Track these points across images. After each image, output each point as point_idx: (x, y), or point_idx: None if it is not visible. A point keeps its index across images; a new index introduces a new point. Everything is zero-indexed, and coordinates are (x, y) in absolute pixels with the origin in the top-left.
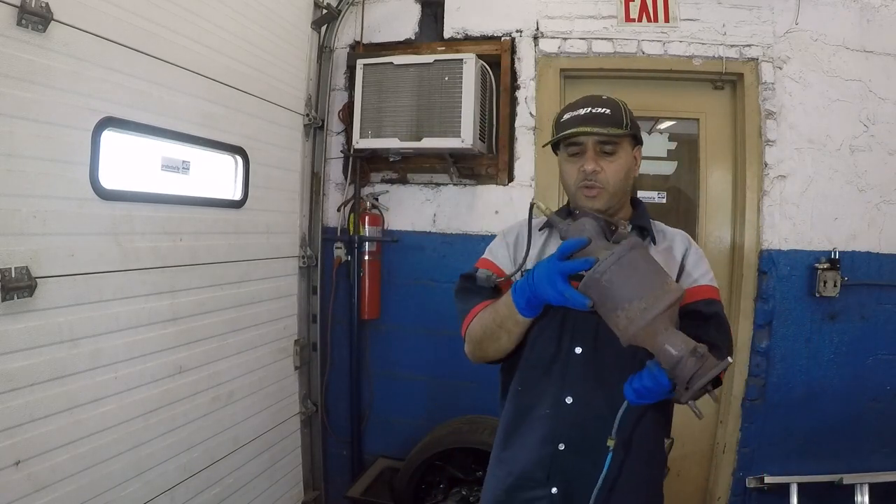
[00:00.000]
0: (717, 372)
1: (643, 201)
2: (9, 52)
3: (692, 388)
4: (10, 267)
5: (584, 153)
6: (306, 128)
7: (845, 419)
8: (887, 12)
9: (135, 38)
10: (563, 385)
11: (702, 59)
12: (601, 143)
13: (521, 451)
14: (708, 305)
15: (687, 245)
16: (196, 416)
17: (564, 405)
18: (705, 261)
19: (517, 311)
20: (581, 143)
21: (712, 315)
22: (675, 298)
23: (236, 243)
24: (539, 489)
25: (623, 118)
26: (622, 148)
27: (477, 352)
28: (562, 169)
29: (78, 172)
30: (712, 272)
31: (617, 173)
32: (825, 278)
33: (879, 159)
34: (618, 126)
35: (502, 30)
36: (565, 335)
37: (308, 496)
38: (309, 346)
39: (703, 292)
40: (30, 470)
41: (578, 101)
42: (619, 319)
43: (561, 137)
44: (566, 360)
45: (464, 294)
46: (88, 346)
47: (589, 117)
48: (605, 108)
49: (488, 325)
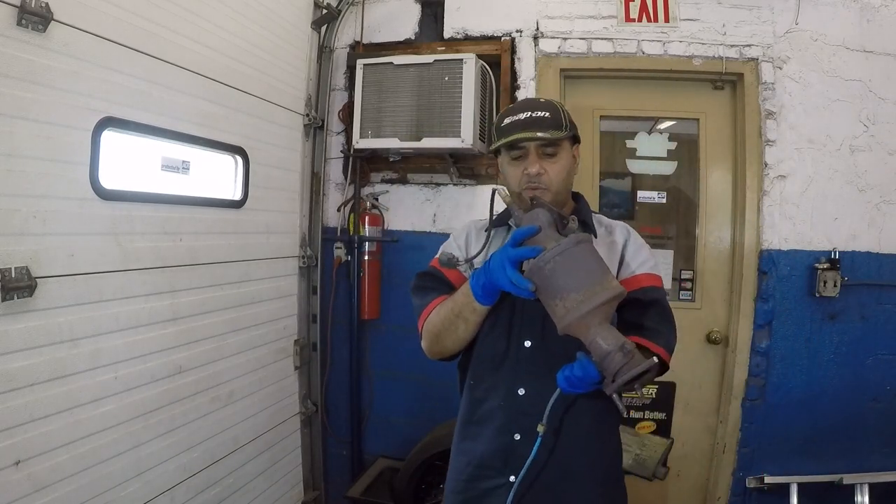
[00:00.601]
0: (641, 369)
1: (583, 195)
2: (9, 52)
3: (617, 382)
4: (10, 267)
5: (526, 156)
6: (306, 128)
7: (845, 419)
8: (887, 12)
9: (135, 38)
10: (515, 377)
11: (702, 59)
12: (543, 145)
13: (479, 442)
14: (646, 293)
15: (626, 236)
16: (196, 416)
17: (517, 396)
18: (645, 250)
19: (474, 297)
20: (524, 146)
21: (652, 302)
22: (611, 296)
23: (236, 243)
24: (497, 478)
25: (562, 120)
26: (563, 149)
27: (434, 345)
28: (504, 172)
29: (78, 172)
30: (654, 260)
31: (559, 174)
32: (825, 278)
33: (879, 159)
34: (558, 129)
35: (502, 30)
36: (514, 330)
37: (308, 496)
38: (309, 346)
39: (643, 281)
40: (30, 470)
41: (517, 105)
42: (557, 308)
43: (505, 144)
44: (516, 353)
45: (421, 291)
46: (88, 346)
47: (529, 122)
48: (544, 111)
49: (447, 316)
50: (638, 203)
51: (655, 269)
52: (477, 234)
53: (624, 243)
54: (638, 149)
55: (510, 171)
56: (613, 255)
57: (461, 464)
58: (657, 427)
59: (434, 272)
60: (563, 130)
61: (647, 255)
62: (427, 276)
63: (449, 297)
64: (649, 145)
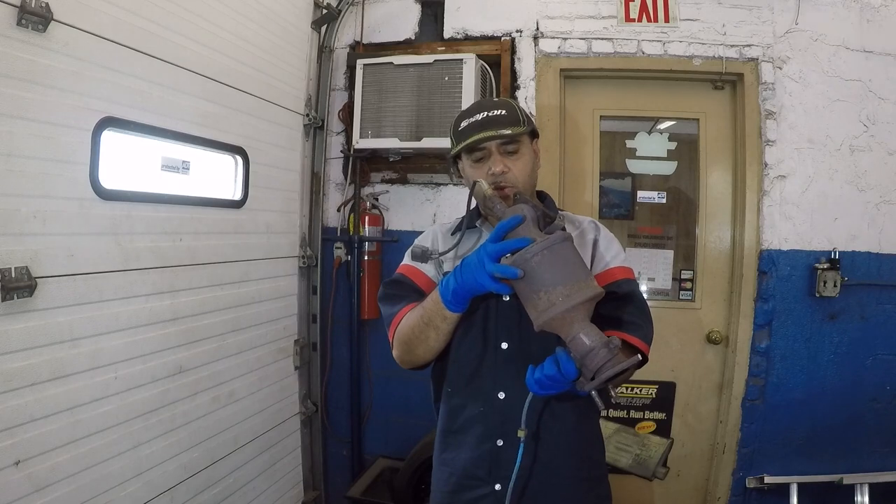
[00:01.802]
0: (626, 365)
1: (549, 195)
2: (9, 52)
3: (598, 378)
4: (10, 267)
5: (488, 157)
6: (306, 128)
7: (845, 419)
8: (887, 12)
9: (135, 38)
10: (494, 382)
11: (702, 59)
12: (504, 143)
13: (461, 451)
14: (621, 286)
15: (596, 231)
16: (196, 416)
17: (498, 401)
18: (616, 243)
19: (444, 305)
20: (484, 147)
21: (628, 295)
22: (596, 294)
23: (236, 243)
24: (482, 487)
25: (519, 116)
26: (523, 145)
27: (405, 355)
28: (468, 175)
29: (78, 172)
30: (624, 253)
31: (524, 170)
32: (825, 278)
33: (879, 159)
34: (516, 125)
35: (502, 30)
36: (489, 332)
37: (308, 496)
38: (309, 346)
39: (617, 273)
40: (30, 470)
41: (472, 106)
42: (540, 301)
43: (466, 146)
44: (494, 356)
45: (389, 300)
46: (88, 346)
47: (487, 121)
48: (500, 109)
49: (416, 325)
50: (638, 203)
51: (626, 262)
52: (444, 237)
53: (594, 238)
54: (638, 149)
55: (473, 173)
56: (584, 248)
57: (444, 475)
58: (657, 427)
59: (402, 279)
60: (521, 126)
61: (618, 248)
62: (395, 284)
63: (419, 304)
64: (649, 145)
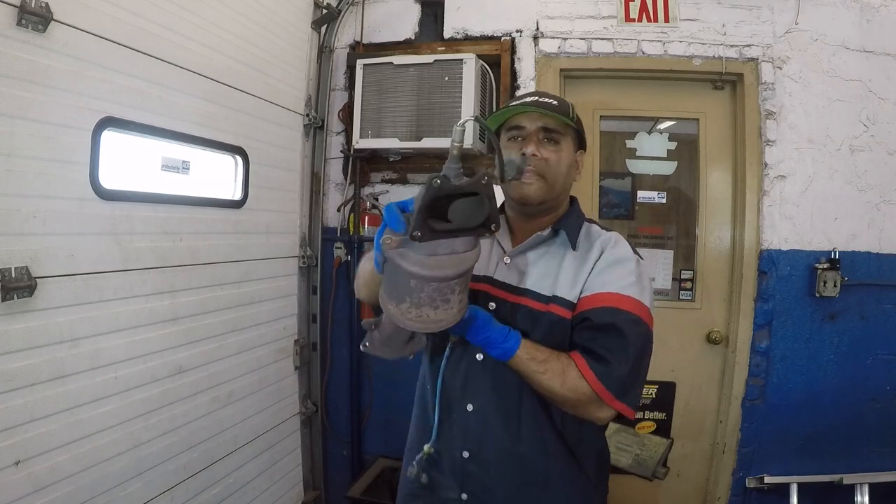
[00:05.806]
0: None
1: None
2: (9, 52)
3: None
4: (10, 267)
5: (526, 138)
6: (306, 128)
7: (845, 419)
8: (887, 12)
9: (135, 38)
10: (463, 393)
11: (702, 60)
12: (544, 129)
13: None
14: (602, 315)
15: (601, 251)
16: (196, 416)
17: (465, 413)
18: (621, 268)
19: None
20: (524, 126)
21: (608, 325)
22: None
23: (236, 243)
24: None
25: (570, 112)
26: (565, 142)
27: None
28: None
29: (78, 172)
30: (632, 278)
31: (557, 164)
32: (825, 278)
33: (879, 159)
34: (564, 115)
35: (502, 30)
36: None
37: (308, 496)
38: (309, 346)
39: (601, 300)
40: (30, 470)
41: (526, 93)
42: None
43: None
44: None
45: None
46: (88, 346)
47: (536, 102)
48: (552, 99)
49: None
50: (638, 203)
51: (628, 291)
52: None
53: (596, 259)
54: (638, 149)
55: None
56: (581, 270)
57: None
58: (657, 427)
59: None
60: (569, 118)
61: (622, 274)
62: None
63: None
64: (649, 145)
